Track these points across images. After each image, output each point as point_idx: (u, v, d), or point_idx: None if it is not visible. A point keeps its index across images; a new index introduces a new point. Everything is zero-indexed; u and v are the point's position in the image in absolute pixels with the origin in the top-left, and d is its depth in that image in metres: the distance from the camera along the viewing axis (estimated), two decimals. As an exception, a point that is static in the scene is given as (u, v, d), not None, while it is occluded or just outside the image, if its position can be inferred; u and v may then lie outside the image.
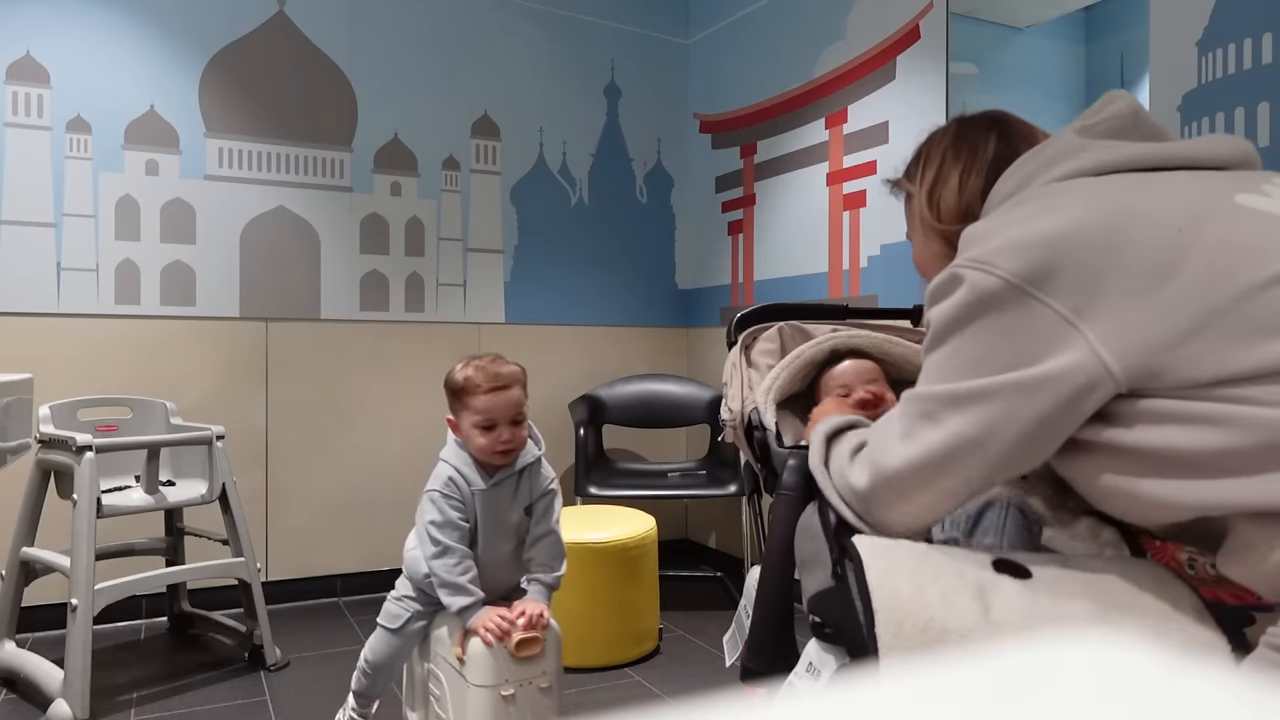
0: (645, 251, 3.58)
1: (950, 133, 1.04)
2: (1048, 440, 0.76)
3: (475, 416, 1.59)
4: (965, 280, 0.78)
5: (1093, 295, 0.71)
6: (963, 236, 0.85)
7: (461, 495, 1.60)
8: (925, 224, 1.03)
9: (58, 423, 2.17)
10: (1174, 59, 1.87)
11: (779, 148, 3.12)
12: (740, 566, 3.10)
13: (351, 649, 2.49)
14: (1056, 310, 0.73)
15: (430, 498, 1.61)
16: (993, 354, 0.76)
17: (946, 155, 1.02)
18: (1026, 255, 0.74)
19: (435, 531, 1.58)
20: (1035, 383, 0.73)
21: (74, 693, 1.92)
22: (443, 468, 1.63)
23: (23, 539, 2.16)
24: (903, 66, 2.59)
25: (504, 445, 1.60)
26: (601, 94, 3.49)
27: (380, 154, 3.07)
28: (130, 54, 2.72)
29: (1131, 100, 0.90)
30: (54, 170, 2.62)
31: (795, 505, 1.12)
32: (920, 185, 1.04)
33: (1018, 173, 0.91)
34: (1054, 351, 0.72)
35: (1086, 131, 0.89)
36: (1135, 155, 0.84)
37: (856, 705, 0.20)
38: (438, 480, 1.62)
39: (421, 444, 3.11)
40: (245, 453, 2.79)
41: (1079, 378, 0.71)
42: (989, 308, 0.76)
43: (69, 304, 2.62)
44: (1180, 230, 0.71)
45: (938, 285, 0.82)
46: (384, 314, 3.07)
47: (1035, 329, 0.73)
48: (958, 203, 0.99)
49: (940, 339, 0.82)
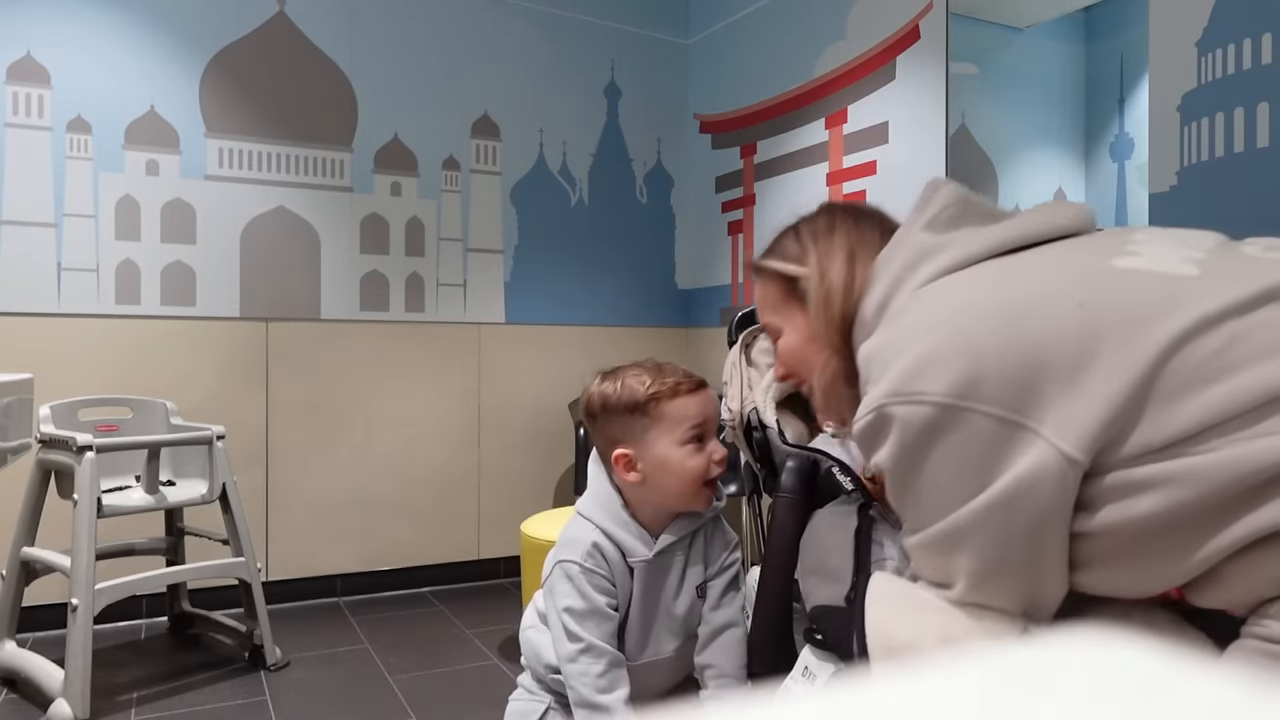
0: (645, 251, 3.58)
1: (841, 220, 1.00)
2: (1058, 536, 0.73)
3: (680, 429, 1.15)
4: (895, 418, 0.75)
5: (1026, 391, 0.70)
6: (862, 359, 0.82)
7: (611, 571, 1.16)
8: (821, 316, 0.95)
9: (58, 423, 2.17)
10: (1174, 59, 1.87)
11: (779, 148, 3.12)
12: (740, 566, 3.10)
13: (352, 649, 2.49)
14: (998, 416, 0.71)
15: (565, 572, 1.15)
16: (958, 480, 0.74)
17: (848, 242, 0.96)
18: (946, 371, 0.72)
19: (573, 623, 1.13)
20: (1012, 493, 0.71)
21: (74, 692, 1.92)
22: (582, 528, 1.18)
23: (23, 539, 2.16)
24: (903, 66, 2.59)
25: (721, 466, 1.18)
26: (601, 94, 3.49)
27: (380, 154, 3.07)
28: (130, 54, 2.72)
29: (955, 185, 0.91)
30: (54, 170, 2.62)
31: (794, 507, 1.12)
32: (818, 272, 0.97)
33: (881, 279, 0.88)
34: (1014, 456, 0.71)
35: (933, 226, 0.88)
36: (996, 241, 0.83)
37: (856, 705, 0.20)
38: (576, 547, 1.16)
39: (421, 444, 3.11)
40: (245, 453, 2.79)
41: (1049, 473, 0.70)
42: (932, 437, 0.74)
43: (69, 304, 2.62)
44: (1081, 306, 0.71)
45: (868, 429, 0.79)
46: (384, 314, 3.07)
47: (986, 440, 0.72)
48: (847, 302, 0.93)
49: (902, 483, 0.79)
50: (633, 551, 1.16)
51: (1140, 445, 0.68)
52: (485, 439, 3.21)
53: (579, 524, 1.18)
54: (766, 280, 1.05)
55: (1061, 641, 0.22)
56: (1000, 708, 0.19)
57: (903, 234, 0.91)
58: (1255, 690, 0.19)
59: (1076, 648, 0.22)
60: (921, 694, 0.20)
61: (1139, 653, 0.21)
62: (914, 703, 0.20)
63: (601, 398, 1.18)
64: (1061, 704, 0.19)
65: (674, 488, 1.15)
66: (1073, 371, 0.69)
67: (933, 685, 0.21)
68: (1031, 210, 0.90)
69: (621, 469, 1.16)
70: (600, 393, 1.18)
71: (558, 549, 1.18)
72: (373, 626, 2.69)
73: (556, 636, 1.16)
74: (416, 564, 3.10)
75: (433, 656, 2.42)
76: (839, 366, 0.94)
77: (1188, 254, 0.75)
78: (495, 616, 2.78)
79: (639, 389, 1.16)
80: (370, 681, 2.24)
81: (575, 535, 1.17)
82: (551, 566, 1.17)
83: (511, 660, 2.39)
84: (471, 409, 3.19)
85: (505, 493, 3.23)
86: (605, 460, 1.19)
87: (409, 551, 3.08)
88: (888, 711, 0.20)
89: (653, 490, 1.16)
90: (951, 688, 0.20)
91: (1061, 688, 0.20)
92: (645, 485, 1.16)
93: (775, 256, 1.04)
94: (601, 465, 1.22)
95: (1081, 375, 0.69)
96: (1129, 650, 0.22)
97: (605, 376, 1.20)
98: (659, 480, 1.15)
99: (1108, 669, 0.21)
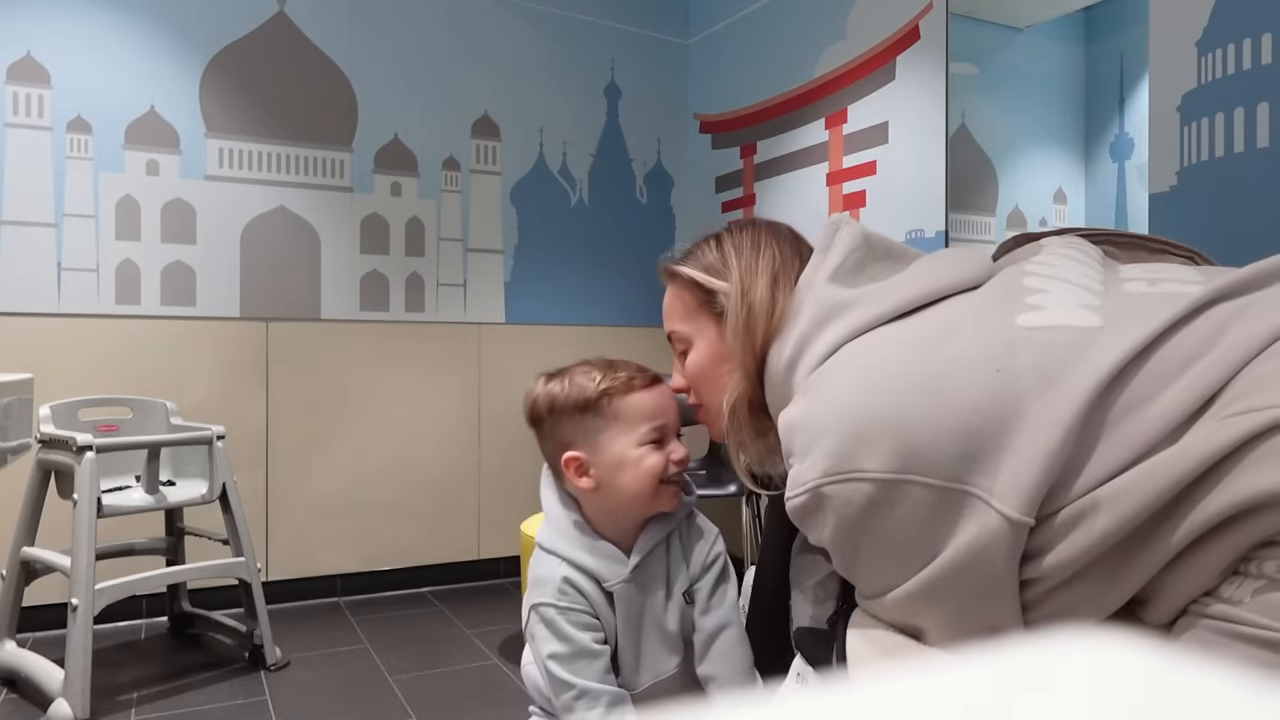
0: (645, 251, 3.58)
1: (767, 240, 0.97)
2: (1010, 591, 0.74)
3: (640, 429, 1.05)
4: (833, 498, 0.75)
5: (963, 459, 0.71)
6: (783, 428, 0.81)
7: (590, 603, 1.04)
8: (739, 337, 0.91)
9: (58, 423, 2.17)
10: (1173, 59, 1.87)
11: (779, 148, 3.12)
12: (740, 566, 3.10)
13: (352, 649, 2.49)
14: (939, 485, 0.72)
15: (541, 617, 1.04)
16: (905, 552, 0.75)
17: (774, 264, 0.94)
18: (881, 445, 0.73)
19: (560, 670, 1.01)
20: (962, 560, 0.72)
21: (74, 692, 1.92)
22: (548, 565, 1.06)
23: (23, 539, 2.16)
24: (903, 67, 2.59)
25: (680, 466, 1.08)
26: (601, 94, 3.49)
27: (380, 154, 3.07)
28: (130, 54, 2.72)
29: (855, 227, 0.91)
30: (54, 170, 2.62)
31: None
32: (739, 290, 0.93)
33: (790, 333, 0.87)
34: (960, 522, 0.72)
35: (838, 277, 0.87)
36: (904, 300, 0.83)
37: (855, 704, 0.20)
38: (546, 588, 1.04)
39: (421, 444, 3.11)
40: (245, 453, 2.79)
41: (996, 538, 0.70)
42: (875, 512, 0.74)
43: (69, 304, 2.62)
44: (998, 371, 0.72)
45: (803, 507, 0.78)
46: (384, 314, 3.07)
47: (929, 510, 0.72)
48: (768, 327, 0.90)
49: (848, 559, 0.80)
50: (606, 576, 1.04)
51: (1084, 485, 0.70)
52: (485, 439, 3.21)
53: (543, 561, 1.06)
54: (680, 287, 1.02)
55: (1061, 641, 0.22)
56: (1000, 707, 0.19)
57: (809, 281, 0.89)
58: (1255, 690, 0.19)
59: (1076, 648, 0.22)
60: (921, 693, 0.20)
61: (1139, 653, 0.21)
62: (913, 702, 0.20)
63: (548, 398, 1.08)
64: (1061, 704, 0.19)
65: (631, 490, 1.04)
66: (1003, 435, 0.71)
67: (932, 685, 0.21)
68: (931, 260, 0.91)
69: (573, 474, 1.05)
70: (546, 393, 1.08)
71: (530, 593, 1.06)
72: (373, 626, 2.69)
73: (547, 685, 1.04)
74: (416, 564, 3.10)
75: (433, 656, 2.42)
76: (747, 390, 0.92)
77: (1085, 300, 0.77)
78: (495, 616, 2.78)
79: (588, 386, 1.06)
80: (370, 681, 2.24)
81: (543, 574, 1.05)
82: (527, 613, 1.06)
83: (511, 660, 2.39)
84: (471, 409, 3.19)
85: (505, 493, 3.23)
86: (554, 468, 1.09)
87: (409, 551, 3.08)
88: (887, 711, 0.20)
89: (609, 497, 1.06)
90: (950, 687, 0.20)
91: (1061, 688, 0.20)
92: (600, 492, 1.05)
93: (694, 265, 1.00)
94: (553, 487, 1.11)
95: (1011, 438, 0.70)
96: (1129, 650, 0.22)
97: (550, 377, 1.11)
98: (615, 484, 1.04)
99: (1107, 669, 0.21)
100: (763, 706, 0.20)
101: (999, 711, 0.19)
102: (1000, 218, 2.50)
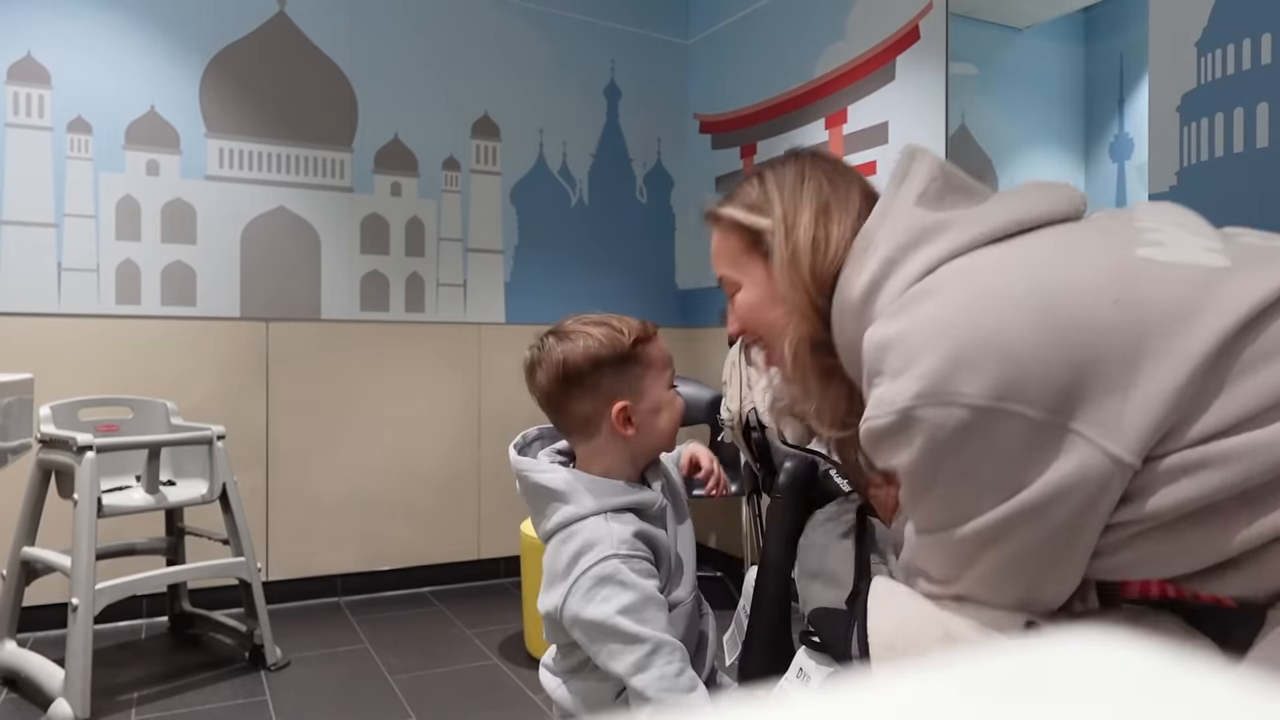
0: (645, 251, 3.58)
1: (811, 171, 0.92)
2: (1090, 535, 0.70)
3: (665, 373, 1.11)
4: (924, 421, 0.70)
5: (1070, 392, 0.67)
6: (872, 347, 0.75)
7: (655, 547, 1.04)
8: (786, 275, 0.88)
9: (58, 423, 2.17)
10: (1173, 59, 1.87)
11: (779, 148, 3.11)
12: (740, 566, 3.10)
13: (352, 649, 2.49)
14: (1039, 418, 0.67)
15: (601, 573, 0.99)
16: (991, 482, 0.70)
17: (820, 196, 0.89)
18: (985, 370, 0.68)
19: (631, 623, 0.96)
20: (1050, 496, 0.67)
21: (74, 692, 1.92)
22: (589, 527, 1.02)
23: (23, 539, 2.16)
24: (902, 67, 2.59)
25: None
26: (601, 94, 3.49)
27: (380, 154, 3.07)
28: (130, 54, 2.72)
29: (934, 156, 0.86)
30: (55, 170, 2.62)
31: (792, 508, 1.12)
32: (783, 226, 0.89)
33: (872, 257, 0.81)
34: (1054, 458, 0.67)
35: (924, 201, 0.82)
36: (1002, 223, 0.78)
37: (854, 705, 0.20)
38: (598, 547, 1.00)
39: (421, 444, 3.11)
40: (245, 453, 2.79)
41: (1096, 478, 0.67)
42: (965, 439, 0.69)
43: (70, 304, 2.62)
44: (1116, 302, 0.68)
45: (887, 430, 0.72)
46: (384, 314, 3.07)
47: (1025, 441, 0.68)
48: (817, 262, 0.86)
49: (924, 486, 0.74)
50: (647, 503, 1.05)
51: (1200, 432, 0.66)
52: (485, 439, 3.21)
53: (584, 528, 1.02)
54: (725, 230, 0.98)
55: (1061, 641, 0.22)
56: (1000, 708, 0.19)
57: (888, 205, 0.84)
58: (1255, 689, 0.19)
59: (1076, 648, 0.22)
60: (920, 694, 0.20)
61: (1139, 653, 0.21)
62: (912, 703, 0.20)
63: (588, 354, 1.05)
64: (1061, 704, 0.20)
65: (667, 429, 1.09)
66: (1119, 371, 0.66)
67: (931, 685, 0.21)
68: (1021, 189, 0.85)
69: (619, 423, 1.05)
70: (584, 350, 1.05)
71: (579, 562, 1.00)
72: (373, 626, 2.70)
73: (612, 652, 0.98)
74: (416, 564, 3.10)
75: (433, 656, 2.42)
76: (807, 331, 0.87)
77: (1205, 244, 0.73)
78: (495, 616, 2.78)
79: (621, 337, 1.06)
80: (370, 681, 2.24)
81: (589, 539, 1.01)
82: (573, 583, 1.00)
83: (511, 660, 2.40)
84: (471, 409, 3.19)
85: (505, 493, 3.23)
86: (592, 424, 1.07)
87: (409, 551, 3.09)
88: (886, 712, 0.20)
89: (643, 440, 1.08)
90: (951, 688, 0.21)
91: (1061, 688, 0.20)
92: (637, 436, 1.07)
93: (736, 204, 0.96)
94: (552, 456, 1.11)
95: (1129, 375, 0.66)
96: (1129, 650, 0.22)
97: (560, 336, 1.09)
98: (653, 427, 1.08)
99: (1107, 669, 0.21)
100: (766, 706, 0.20)
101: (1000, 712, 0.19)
102: (1000, 218, 2.50)
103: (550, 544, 1.05)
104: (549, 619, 1.04)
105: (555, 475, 1.06)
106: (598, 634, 0.98)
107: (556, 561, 1.03)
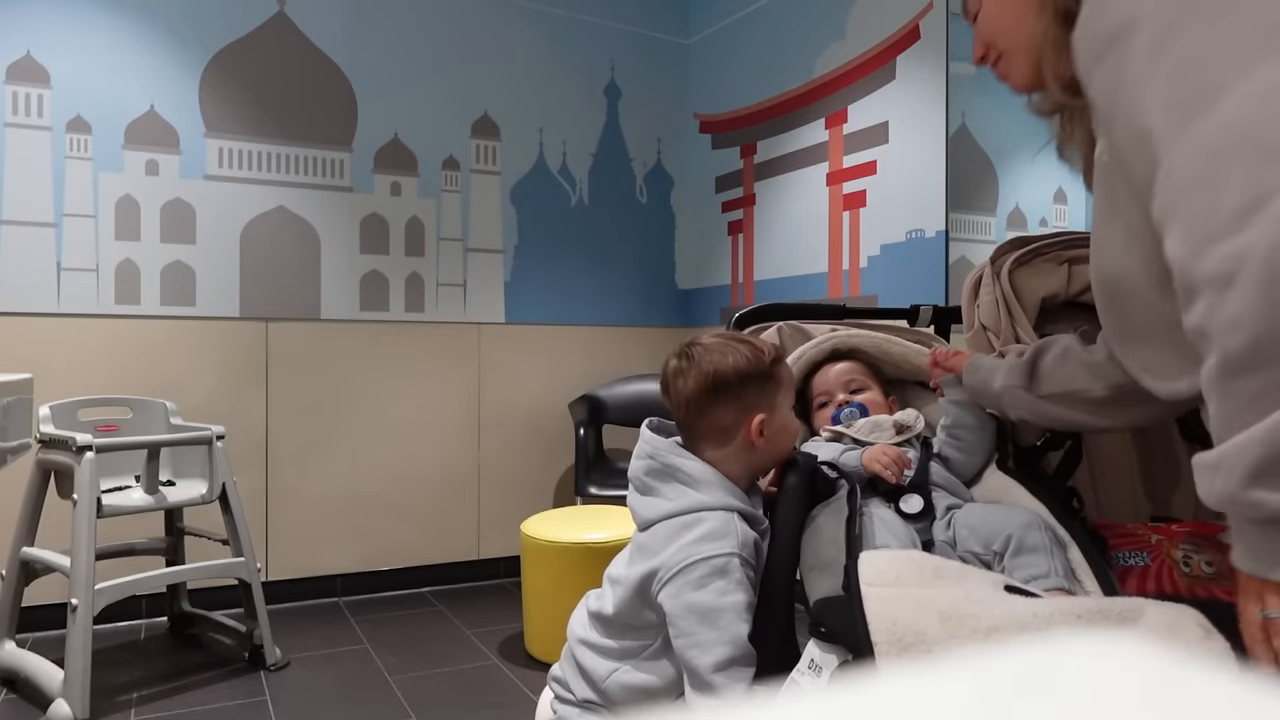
0: (645, 251, 3.58)
1: None
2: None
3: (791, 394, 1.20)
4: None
5: None
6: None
7: (757, 560, 1.08)
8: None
9: (58, 423, 2.17)
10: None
11: (779, 148, 3.12)
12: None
13: (352, 649, 2.49)
14: None
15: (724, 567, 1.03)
16: None
17: None
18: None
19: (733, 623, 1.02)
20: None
21: (74, 692, 1.92)
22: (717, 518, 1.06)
23: (23, 539, 2.16)
24: (903, 66, 2.59)
25: None
26: (601, 94, 3.49)
27: (380, 154, 3.07)
28: (130, 54, 2.71)
29: None
30: (54, 170, 2.62)
31: (796, 504, 1.12)
32: None
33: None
34: None
35: None
36: None
37: (858, 705, 0.20)
38: (734, 536, 1.05)
39: (421, 444, 3.11)
40: (245, 453, 2.79)
41: None
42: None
43: (69, 304, 2.62)
44: None
45: None
46: (384, 314, 3.07)
47: None
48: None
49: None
50: (760, 520, 1.12)
51: None
52: (485, 439, 3.21)
53: (713, 515, 1.06)
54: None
55: (1062, 642, 0.22)
56: (1001, 708, 0.19)
57: None
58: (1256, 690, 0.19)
59: (1085, 648, 0.22)
60: (924, 694, 0.20)
61: (1139, 653, 0.21)
62: (915, 703, 0.20)
63: (735, 369, 1.11)
64: (1069, 704, 0.19)
65: (785, 447, 1.16)
66: None
67: (935, 685, 0.21)
68: None
69: (755, 434, 1.11)
70: (732, 365, 1.12)
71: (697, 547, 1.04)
72: (373, 626, 2.69)
73: (702, 642, 1.01)
74: (416, 564, 3.10)
75: (433, 656, 2.42)
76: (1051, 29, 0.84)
77: None
78: (495, 616, 2.78)
79: (762, 356, 1.14)
80: (370, 681, 2.24)
81: (715, 528, 1.05)
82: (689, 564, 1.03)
83: (511, 660, 2.40)
84: (471, 409, 3.19)
85: (505, 493, 3.23)
86: (728, 432, 1.13)
87: (409, 551, 3.08)
88: (889, 712, 0.20)
89: (765, 453, 1.14)
90: (953, 688, 0.20)
91: (1069, 688, 0.20)
92: (763, 449, 1.13)
93: None
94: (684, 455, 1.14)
95: None
96: (1129, 650, 0.22)
97: (708, 349, 1.14)
98: (778, 442, 1.15)
99: (1108, 669, 0.21)
100: (769, 705, 0.20)
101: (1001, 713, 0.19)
102: (1000, 218, 2.50)
103: (663, 525, 1.09)
104: (639, 587, 1.07)
105: (694, 463, 1.12)
106: (698, 621, 1.02)
107: (670, 541, 1.07)
